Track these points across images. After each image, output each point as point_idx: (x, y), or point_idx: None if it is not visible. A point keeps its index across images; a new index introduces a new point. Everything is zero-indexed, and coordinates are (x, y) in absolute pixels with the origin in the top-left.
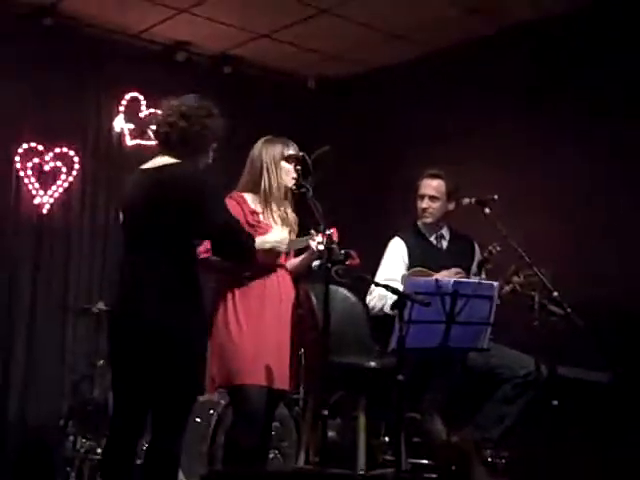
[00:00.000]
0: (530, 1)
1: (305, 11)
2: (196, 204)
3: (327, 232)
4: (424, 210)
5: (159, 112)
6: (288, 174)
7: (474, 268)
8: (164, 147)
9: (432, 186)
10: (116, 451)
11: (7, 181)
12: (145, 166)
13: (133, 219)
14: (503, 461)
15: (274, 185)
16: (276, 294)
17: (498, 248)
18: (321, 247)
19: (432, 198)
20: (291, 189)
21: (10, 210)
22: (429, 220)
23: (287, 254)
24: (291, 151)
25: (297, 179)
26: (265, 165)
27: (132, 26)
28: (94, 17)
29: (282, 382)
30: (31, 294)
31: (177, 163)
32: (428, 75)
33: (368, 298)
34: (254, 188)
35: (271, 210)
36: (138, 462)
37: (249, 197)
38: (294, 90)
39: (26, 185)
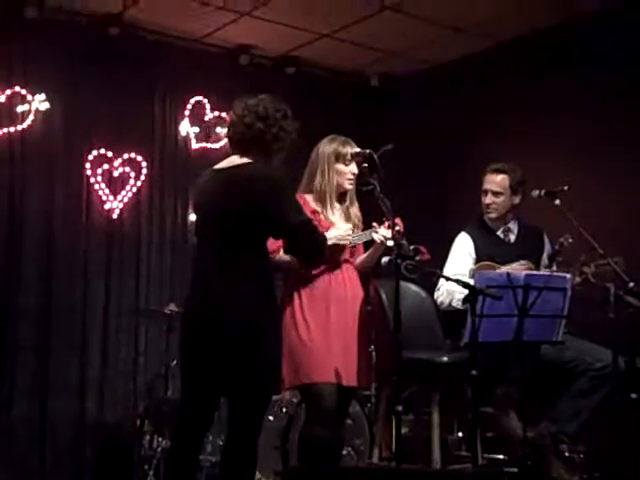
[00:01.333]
0: None
1: (366, 9)
2: (274, 203)
3: (395, 228)
4: (488, 206)
5: (232, 112)
6: (341, 175)
7: (545, 260)
8: (238, 148)
9: (495, 181)
10: (183, 448)
11: (79, 187)
12: (219, 166)
13: (209, 218)
14: (581, 456)
15: (326, 185)
16: (342, 291)
17: (570, 240)
18: (390, 243)
19: (495, 193)
20: (358, 187)
21: (82, 216)
22: (493, 215)
23: (352, 253)
24: (348, 149)
25: (364, 176)
26: (319, 166)
27: (195, 31)
28: (158, 24)
29: (351, 379)
30: (104, 298)
31: (252, 163)
32: (492, 69)
33: (436, 294)
34: (311, 189)
35: (331, 209)
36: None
37: (309, 197)
38: (357, 89)
39: (96, 191)
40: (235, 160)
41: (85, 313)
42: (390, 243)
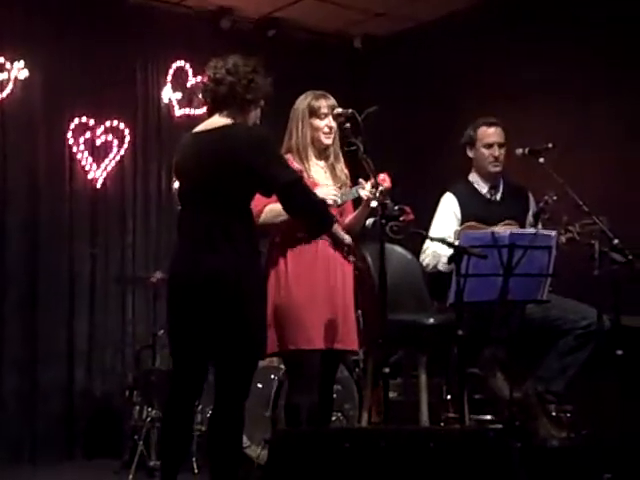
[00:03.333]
0: None
1: None
2: (262, 162)
3: (380, 188)
4: (496, 158)
5: (206, 74)
6: (317, 129)
7: (530, 219)
8: (213, 106)
9: (498, 133)
10: (176, 416)
11: (61, 157)
12: (199, 129)
13: (193, 183)
14: (568, 415)
15: (301, 140)
16: (330, 253)
17: (554, 198)
18: (374, 204)
19: (500, 145)
20: (342, 147)
21: (65, 185)
22: (499, 168)
23: (341, 213)
24: (322, 102)
25: (347, 137)
26: (294, 122)
27: None
28: None
29: (340, 341)
30: (90, 267)
31: (234, 123)
32: (476, 27)
33: (422, 257)
34: (290, 147)
35: (312, 166)
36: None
37: (289, 156)
38: (340, 50)
39: (79, 160)
40: (215, 122)
41: (71, 283)
42: (374, 204)
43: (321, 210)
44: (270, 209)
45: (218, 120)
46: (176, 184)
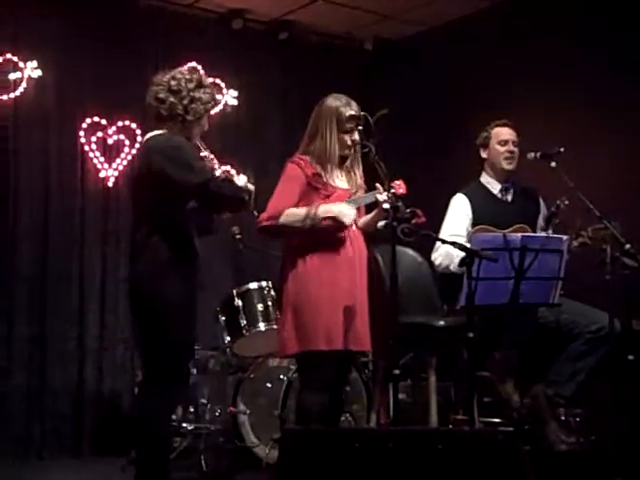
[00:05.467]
0: None
1: None
2: (173, 168)
3: (391, 192)
4: (511, 153)
5: (151, 86)
6: (342, 142)
7: (541, 222)
8: (156, 121)
9: (511, 133)
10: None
11: (73, 156)
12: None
13: (130, 191)
14: (577, 419)
15: (326, 151)
16: (349, 251)
17: (566, 202)
18: (387, 206)
19: (515, 143)
20: (358, 152)
21: (77, 184)
22: (512, 166)
23: (358, 213)
24: (350, 111)
25: (360, 139)
26: (319, 129)
27: None
28: None
29: (359, 343)
30: (101, 267)
31: (158, 134)
32: (488, 31)
33: (433, 255)
34: (310, 150)
35: (332, 172)
36: None
37: (308, 158)
38: (351, 53)
39: (91, 159)
40: (151, 134)
41: (82, 282)
42: (386, 206)
43: (235, 203)
44: (291, 212)
45: (154, 133)
46: None
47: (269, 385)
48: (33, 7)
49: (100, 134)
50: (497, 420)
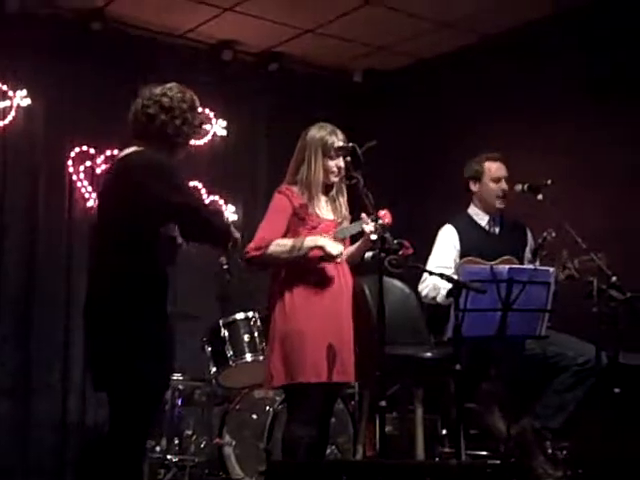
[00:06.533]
0: None
1: (350, 3)
2: (155, 186)
3: (379, 222)
4: (504, 192)
5: (138, 99)
6: (327, 169)
7: (528, 254)
8: (139, 137)
9: (503, 168)
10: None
11: (61, 185)
12: (117, 157)
13: (98, 212)
14: (564, 452)
15: (312, 179)
16: (336, 282)
17: (553, 234)
18: (374, 237)
19: (507, 180)
20: (342, 181)
21: (64, 213)
22: (504, 205)
23: (344, 244)
24: (336, 141)
25: (347, 170)
26: (305, 157)
27: (178, 26)
28: (141, 19)
29: (344, 374)
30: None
31: (139, 150)
32: (476, 64)
33: (421, 287)
34: (296, 180)
35: (317, 201)
36: None
37: (295, 189)
38: (340, 84)
39: (79, 188)
40: (130, 149)
41: (68, 311)
42: (374, 237)
43: (218, 234)
44: (279, 243)
45: (132, 148)
46: None
47: (255, 417)
48: (23, 36)
49: (88, 163)
50: (484, 453)
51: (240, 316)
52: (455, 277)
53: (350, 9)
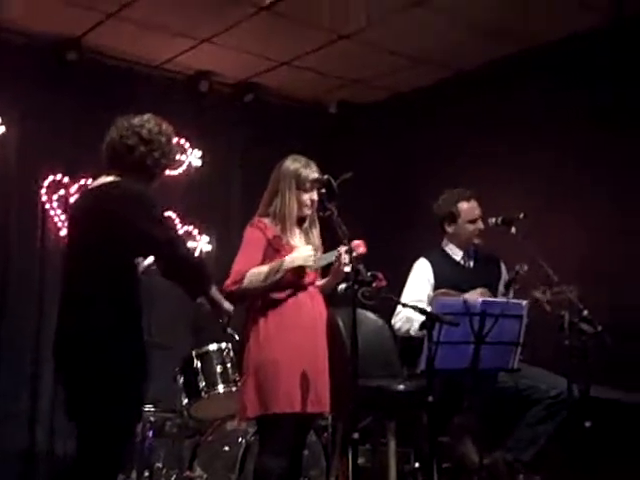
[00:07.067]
0: (549, 23)
1: (326, 37)
2: (139, 219)
3: (353, 253)
4: (481, 232)
5: (114, 129)
6: (301, 202)
7: (501, 288)
8: (116, 167)
9: (477, 207)
10: None
11: (34, 214)
12: (92, 185)
13: (70, 241)
14: None
15: (285, 211)
16: (310, 313)
17: (525, 268)
18: (348, 269)
19: (481, 217)
20: (318, 212)
21: (36, 242)
22: (479, 241)
23: (316, 275)
24: (311, 174)
25: (321, 202)
26: (279, 190)
27: (155, 57)
28: (117, 49)
29: (318, 404)
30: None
31: (117, 181)
32: (449, 99)
33: (394, 320)
34: (269, 212)
35: (291, 233)
36: None
37: (268, 221)
38: (316, 116)
39: (52, 217)
40: (105, 179)
41: (38, 341)
42: (347, 269)
43: (197, 270)
44: (253, 273)
45: (108, 177)
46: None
47: (227, 448)
48: None
49: (62, 192)
50: None
51: (213, 347)
52: (428, 309)
53: (325, 43)
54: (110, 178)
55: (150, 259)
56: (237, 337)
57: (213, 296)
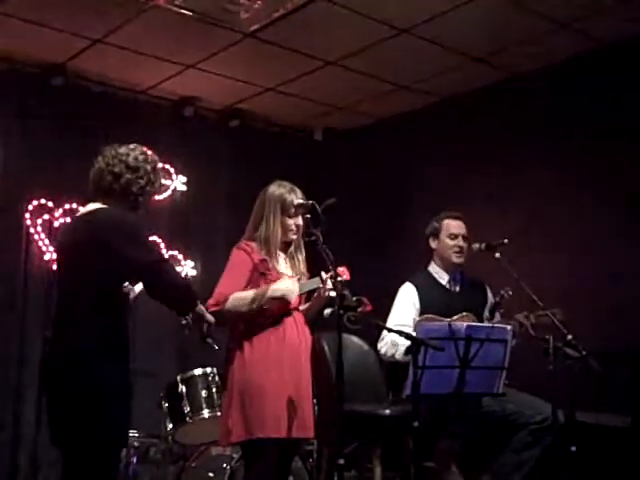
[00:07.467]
0: (530, 52)
1: (311, 64)
2: (124, 245)
3: (337, 279)
4: (461, 249)
5: (101, 158)
6: (285, 228)
7: (487, 312)
8: (103, 195)
9: (462, 226)
10: None
11: (18, 238)
12: (80, 212)
13: (59, 268)
14: None
15: (270, 236)
16: (295, 337)
17: (510, 292)
18: (333, 294)
19: (465, 238)
20: (301, 238)
21: (21, 266)
22: (461, 260)
23: (300, 301)
24: (295, 199)
25: (307, 227)
26: (264, 215)
27: (140, 83)
28: (102, 75)
29: (303, 429)
30: (41, 352)
31: (104, 208)
32: (434, 124)
33: (379, 345)
34: (255, 236)
35: (276, 258)
36: None
37: (254, 245)
38: (301, 142)
39: (36, 241)
40: (92, 206)
41: (21, 367)
42: (333, 294)
43: (184, 291)
44: (237, 297)
45: (95, 205)
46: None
47: (211, 474)
48: None
49: (47, 216)
50: None
51: (198, 372)
52: (414, 334)
53: (311, 69)
54: (97, 205)
55: (140, 286)
56: (217, 347)
57: (197, 311)
